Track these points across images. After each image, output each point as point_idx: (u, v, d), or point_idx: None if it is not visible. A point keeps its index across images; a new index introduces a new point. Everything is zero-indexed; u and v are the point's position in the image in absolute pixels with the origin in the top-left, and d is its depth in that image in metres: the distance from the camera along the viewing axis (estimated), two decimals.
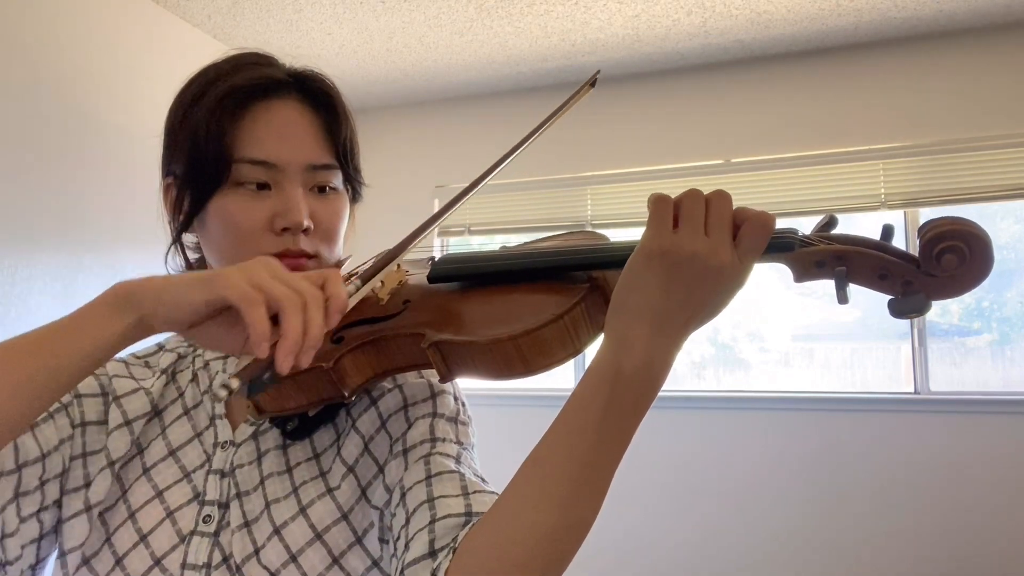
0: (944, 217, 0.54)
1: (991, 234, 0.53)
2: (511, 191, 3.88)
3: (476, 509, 0.62)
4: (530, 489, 0.56)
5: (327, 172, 0.74)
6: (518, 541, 0.54)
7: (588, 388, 0.56)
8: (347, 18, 3.09)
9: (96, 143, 2.63)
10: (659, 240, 0.54)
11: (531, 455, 0.57)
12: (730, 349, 3.72)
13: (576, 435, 0.55)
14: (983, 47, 3.20)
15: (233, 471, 0.72)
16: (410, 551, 0.61)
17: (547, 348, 0.60)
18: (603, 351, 0.57)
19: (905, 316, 0.55)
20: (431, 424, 0.72)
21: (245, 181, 0.71)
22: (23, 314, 2.34)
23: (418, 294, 0.71)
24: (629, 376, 0.54)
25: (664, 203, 0.55)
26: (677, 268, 0.53)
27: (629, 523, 3.41)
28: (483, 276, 0.69)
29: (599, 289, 0.63)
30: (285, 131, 0.72)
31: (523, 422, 3.69)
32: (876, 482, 3.17)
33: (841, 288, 0.56)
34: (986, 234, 0.52)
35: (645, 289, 0.55)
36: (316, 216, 0.73)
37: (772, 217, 0.54)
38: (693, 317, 0.55)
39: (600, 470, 0.55)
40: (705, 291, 0.54)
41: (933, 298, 0.55)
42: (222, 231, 0.72)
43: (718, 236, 0.54)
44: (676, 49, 3.40)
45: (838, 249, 0.56)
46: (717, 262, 0.53)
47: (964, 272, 0.53)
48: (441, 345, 0.63)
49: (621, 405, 0.55)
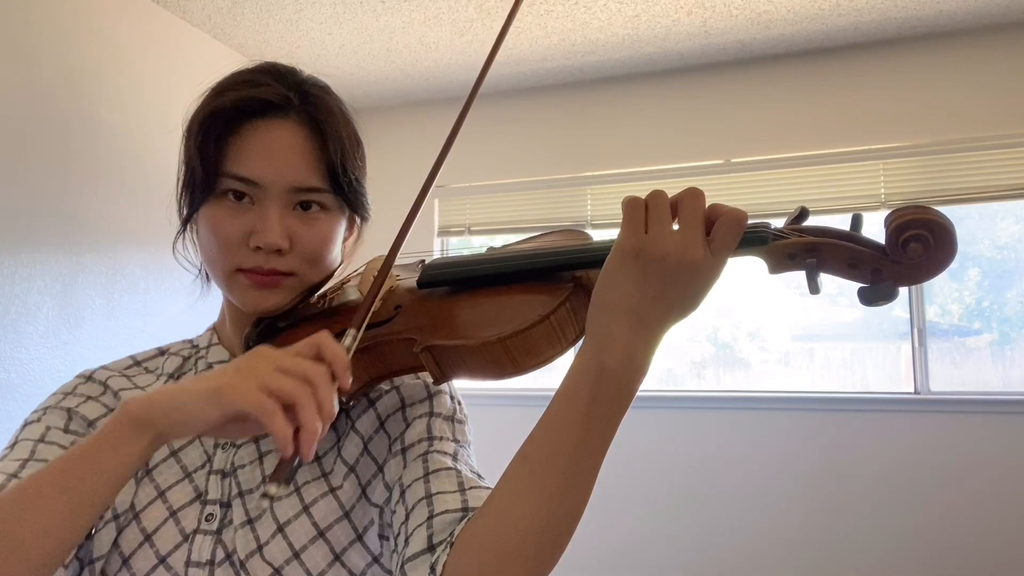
0: (908, 206, 0.56)
1: (991, 234, 0.53)
2: (511, 191, 3.88)
3: (472, 504, 0.64)
4: (521, 483, 0.58)
5: (313, 194, 0.74)
6: (511, 533, 0.57)
7: (572, 384, 0.58)
8: (347, 18, 3.09)
9: (96, 143, 2.63)
10: (631, 240, 0.56)
11: (520, 451, 0.60)
12: (730, 349, 3.72)
13: (562, 429, 0.58)
14: (983, 47, 3.20)
15: (235, 471, 0.73)
16: (409, 546, 0.63)
17: (535, 347, 0.62)
18: (585, 348, 0.59)
19: (874, 303, 0.57)
20: (428, 423, 0.74)
21: (228, 191, 0.73)
22: (23, 314, 2.35)
23: (409, 299, 0.72)
24: (611, 371, 0.56)
25: (635, 205, 0.57)
26: (650, 266, 0.55)
27: (629, 523, 3.41)
28: (471, 280, 0.70)
29: (583, 288, 0.64)
30: (272, 151, 0.73)
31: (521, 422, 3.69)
32: (876, 482, 3.17)
33: (812, 279, 0.57)
34: (949, 222, 0.54)
35: (621, 288, 0.57)
36: (297, 237, 0.74)
37: (744, 213, 0.56)
38: (669, 312, 0.57)
39: (587, 462, 0.58)
40: (679, 287, 0.56)
41: (900, 284, 0.57)
42: (208, 238, 0.75)
43: (689, 233, 0.55)
44: (676, 49, 3.40)
45: (809, 241, 0.58)
46: (689, 259, 0.55)
47: (929, 259, 0.55)
48: (433, 349, 0.64)
49: (605, 399, 0.57)
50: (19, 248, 2.34)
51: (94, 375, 0.82)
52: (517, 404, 3.50)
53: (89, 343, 2.56)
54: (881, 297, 0.57)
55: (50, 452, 0.71)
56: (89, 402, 0.78)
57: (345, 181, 0.76)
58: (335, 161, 0.75)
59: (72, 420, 0.76)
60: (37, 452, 0.71)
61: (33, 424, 0.75)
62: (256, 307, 0.75)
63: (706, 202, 0.56)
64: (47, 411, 0.77)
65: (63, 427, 0.75)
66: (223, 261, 0.74)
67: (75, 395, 0.79)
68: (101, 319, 2.62)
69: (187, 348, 0.85)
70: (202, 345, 0.84)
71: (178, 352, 0.85)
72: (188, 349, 0.85)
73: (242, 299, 0.75)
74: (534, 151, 3.84)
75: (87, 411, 0.77)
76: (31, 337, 2.37)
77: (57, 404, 0.77)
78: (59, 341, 2.46)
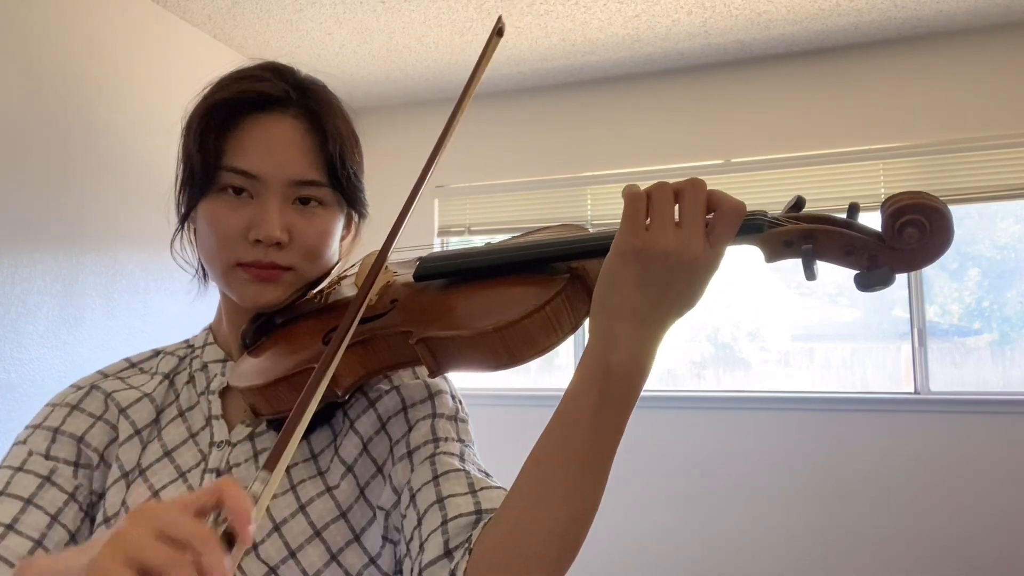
0: (904, 192, 0.56)
1: (991, 234, 0.54)
2: (511, 191, 3.89)
3: (485, 506, 0.64)
4: (536, 488, 0.58)
5: (312, 188, 0.75)
6: (531, 538, 0.57)
7: (579, 386, 0.58)
8: (347, 18, 3.09)
9: (96, 143, 2.63)
10: (632, 240, 0.56)
11: (532, 455, 0.59)
12: (730, 349, 3.72)
13: (572, 431, 0.57)
14: (983, 47, 3.20)
15: (230, 469, 0.73)
16: (425, 552, 0.63)
17: (531, 338, 0.62)
18: (590, 349, 0.58)
19: (871, 289, 0.57)
20: (432, 424, 0.74)
21: (227, 186, 0.73)
22: (23, 314, 2.35)
23: (405, 293, 0.72)
24: (617, 370, 0.56)
25: (636, 200, 0.56)
26: (651, 265, 0.55)
27: (628, 523, 3.41)
28: (467, 272, 0.70)
29: (579, 279, 0.64)
30: (272, 145, 0.73)
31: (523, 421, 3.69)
32: (876, 482, 3.17)
33: (809, 266, 0.57)
34: (945, 207, 0.54)
35: (623, 287, 0.56)
36: (296, 231, 0.74)
37: (743, 204, 0.56)
38: (672, 308, 0.57)
39: (598, 461, 0.58)
40: (681, 283, 0.56)
41: (897, 271, 0.57)
42: (207, 232, 0.75)
43: (689, 229, 0.55)
44: (676, 49, 3.40)
45: (805, 228, 0.58)
46: (690, 256, 0.55)
47: (925, 245, 0.55)
48: (429, 341, 0.64)
49: (612, 398, 0.57)
50: (19, 248, 2.34)
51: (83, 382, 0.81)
52: (517, 404, 3.51)
53: (89, 343, 2.56)
54: (878, 283, 0.57)
55: (25, 483, 0.71)
56: (75, 415, 0.77)
57: (344, 176, 0.76)
58: (334, 156, 0.75)
59: (55, 442, 0.75)
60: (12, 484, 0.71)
61: (18, 446, 0.75)
62: (255, 302, 0.75)
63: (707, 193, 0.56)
64: (35, 431, 0.76)
65: (44, 452, 0.74)
66: (222, 256, 0.74)
67: (63, 406, 0.78)
68: (101, 319, 2.62)
69: (183, 348, 0.85)
70: (198, 345, 0.84)
71: (174, 352, 0.85)
72: (184, 349, 0.85)
73: (241, 294, 0.76)
74: (534, 151, 3.84)
75: (73, 427, 0.76)
76: (31, 337, 2.37)
77: (43, 423, 0.77)
78: (59, 341, 2.46)
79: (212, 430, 0.76)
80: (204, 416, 0.78)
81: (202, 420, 0.77)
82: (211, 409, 0.78)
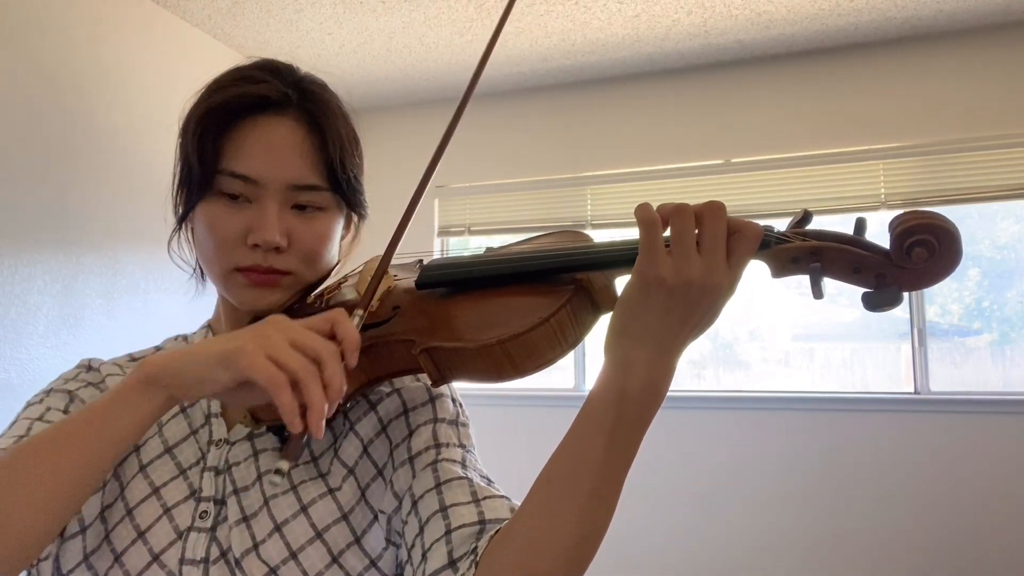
0: (913, 211, 0.55)
1: (991, 234, 0.53)
2: (511, 191, 3.88)
3: (489, 516, 0.64)
4: (546, 507, 0.58)
5: (311, 192, 0.74)
6: (540, 557, 0.57)
7: (595, 409, 0.58)
8: (347, 18, 3.09)
9: (96, 143, 2.63)
10: (654, 269, 0.54)
11: (543, 474, 0.59)
12: (730, 349, 3.72)
13: (586, 454, 0.57)
14: (983, 47, 3.20)
15: (229, 468, 0.73)
16: (429, 562, 0.63)
17: (535, 350, 0.62)
18: (606, 374, 0.58)
19: (879, 309, 0.57)
20: (434, 429, 0.73)
21: (225, 191, 0.72)
22: (23, 314, 2.35)
23: (407, 300, 0.71)
24: (634, 396, 0.56)
25: (654, 227, 0.55)
26: (674, 294, 0.54)
27: (628, 523, 3.41)
28: (470, 281, 0.70)
29: (584, 290, 0.64)
30: (271, 148, 0.72)
31: (523, 421, 3.70)
32: (876, 482, 3.17)
33: (816, 284, 0.57)
34: (954, 227, 0.54)
35: (645, 316, 0.56)
36: (295, 235, 0.73)
37: (760, 228, 0.56)
38: (692, 333, 0.57)
39: (610, 483, 0.58)
40: (703, 309, 0.56)
41: (905, 290, 0.56)
42: (204, 236, 0.74)
43: (712, 256, 0.54)
44: (676, 49, 3.40)
45: (813, 245, 0.57)
46: (714, 283, 0.54)
47: (933, 264, 0.55)
48: (432, 351, 0.64)
49: (627, 423, 0.57)
50: (19, 248, 2.34)
51: (94, 364, 0.83)
52: (518, 404, 3.51)
53: (89, 343, 2.56)
54: (886, 302, 0.56)
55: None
56: (89, 388, 0.79)
57: (344, 179, 0.75)
58: (334, 159, 0.74)
59: (73, 402, 0.76)
60: (33, 430, 0.71)
61: (35, 405, 0.76)
62: (253, 306, 0.75)
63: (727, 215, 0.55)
64: (50, 393, 0.77)
65: (63, 408, 0.75)
66: (220, 260, 0.73)
67: (76, 380, 0.80)
68: (101, 319, 2.62)
69: (181, 344, 0.85)
70: (196, 341, 0.84)
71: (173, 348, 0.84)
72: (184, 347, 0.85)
73: (239, 298, 0.75)
74: (534, 151, 3.84)
75: (87, 396, 0.78)
76: (31, 337, 2.37)
77: (60, 387, 0.78)
78: (59, 341, 2.46)
79: (211, 428, 0.76)
80: (203, 413, 0.78)
81: (201, 417, 0.77)
82: (210, 407, 0.78)
